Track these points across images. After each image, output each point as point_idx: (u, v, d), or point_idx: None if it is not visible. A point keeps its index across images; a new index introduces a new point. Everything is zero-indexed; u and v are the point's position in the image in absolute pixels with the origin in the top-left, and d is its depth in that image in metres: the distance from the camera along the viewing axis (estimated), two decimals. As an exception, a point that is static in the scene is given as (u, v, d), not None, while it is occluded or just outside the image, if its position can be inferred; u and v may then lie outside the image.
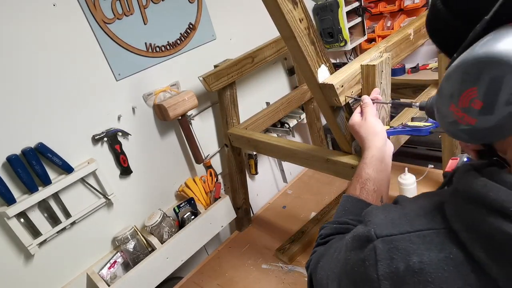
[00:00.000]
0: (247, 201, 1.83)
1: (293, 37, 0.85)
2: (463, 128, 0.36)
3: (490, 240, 0.32)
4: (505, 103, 0.31)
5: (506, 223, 0.30)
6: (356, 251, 0.42)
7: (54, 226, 1.23)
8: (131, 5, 1.29)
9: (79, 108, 1.24)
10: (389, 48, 1.06)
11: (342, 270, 0.45)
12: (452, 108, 0.36)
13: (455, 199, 0.37)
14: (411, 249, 0.37)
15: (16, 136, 1.12)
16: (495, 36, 0.32)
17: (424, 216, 0.40)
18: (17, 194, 1.14)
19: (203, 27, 1.53)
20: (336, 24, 1.95)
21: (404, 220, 0.41)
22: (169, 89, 1.45)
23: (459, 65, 0.34)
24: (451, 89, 0.36)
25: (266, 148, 1.39)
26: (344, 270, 0.44)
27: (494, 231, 0.31)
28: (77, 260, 1.34)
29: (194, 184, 1.60)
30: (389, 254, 0.38)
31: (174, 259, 1.47)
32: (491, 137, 0.34)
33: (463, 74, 0.34)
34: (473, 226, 0.33)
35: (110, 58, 1.28)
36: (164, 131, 1.51)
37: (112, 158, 1.36)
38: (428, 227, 0.38)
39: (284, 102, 1.77)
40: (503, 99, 0.31)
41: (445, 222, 0.37)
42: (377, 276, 0.38)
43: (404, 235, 0.38)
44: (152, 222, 1.42)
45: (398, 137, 1.13)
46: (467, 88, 0.33)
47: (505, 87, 0.31)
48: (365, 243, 0.41)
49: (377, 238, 0.40)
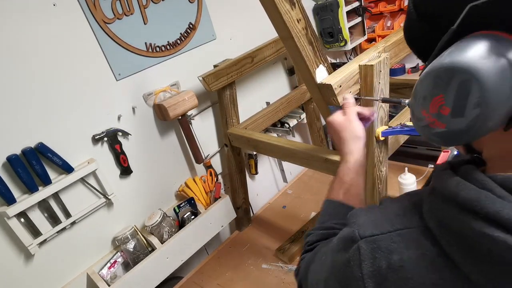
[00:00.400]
0: (247, 201, 1.83)
1: (290, 37, 0.85)
2: (434, 132, 0.37)
3: (461, 237, 0.33)
4: (471, 109, 0.33)
5: (475, 221, 0.31)
6: (341, 252, 0.44)
7: (54, 226, 1.23)
8: (131, 5, 1.29)
9: (79, 108, 1.24)
10: (388, 48, 1.06)
11: (329, 272, 0.46)
12: (424, 113, 0.38)
13: (431, 197, 0.38)
14: (392, 248, 0.39)
15: (16, 136, 1.12)
16: (460, 46, 0.33)
17: (404, 215, 0.41)
18: (17, 194, 1.14)
19: (203, 27, 1.53)
20: (336, 24, 1.95)
21: (385, 220, 0.42)
22: (169, 89, 1.45)
23: (428, 72, 0.36)
24: (422, 94, 0.37)
25: (266, 148, 1.39)
26: (331, 271, 0.45)
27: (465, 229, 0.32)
28: (77, 260, 1.35)
29: (194, 184, 1.61)
30: (372, 254, 0.39)
31: (174, 259, 1.47)
32: (461, 140, 0.36)
33: (432, 82, 0.35)
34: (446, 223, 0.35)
35: (110, 58, 1.28)
36: (164, 131, 1.51)
37: (112, 158, 1.36)
38: (406, 226, 0.40)
39: (284, 102, 1.77)
40: (468, 105, 0.33)
41: (422, 220, 0.39)
42: (361, 275, 0.39)
43: (385, 235, 0.40)
44: (152, 222, 1.42)
45: (398, 137, 1.13)
46: (436, 95, 0.35)
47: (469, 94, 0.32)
48: (350, 244, 0.43)
49: (360, 239, 0.42)
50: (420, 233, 0.38)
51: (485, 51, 0.31)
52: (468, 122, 0.34)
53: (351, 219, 0.46)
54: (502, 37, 0.32)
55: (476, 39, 0.33)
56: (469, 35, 0.33)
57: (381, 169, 1.07)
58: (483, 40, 0.32)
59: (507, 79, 0.31)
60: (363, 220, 0.44)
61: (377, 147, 1.02)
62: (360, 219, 0.45)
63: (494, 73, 0.31)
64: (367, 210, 0.48)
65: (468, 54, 0.32)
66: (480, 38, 0.32)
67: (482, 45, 0.32)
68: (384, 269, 0.38)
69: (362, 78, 0.97)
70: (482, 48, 0.32)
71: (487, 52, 0.31)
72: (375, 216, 0.44)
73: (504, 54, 0.31)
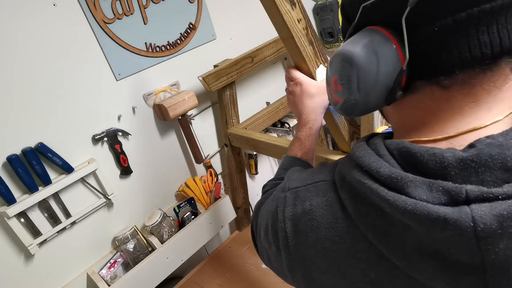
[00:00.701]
0: (247, 200, 1.83)
1: (291, 37, 0.85)
2: (337, 106, 0.47)
3: (349, 185, 0.42)
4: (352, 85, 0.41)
5: (358, 172, 0.40)
6: (274, 200, 0.54)
7: (54, 226, 1.23)
8: (131, 5, 1.29)
9: (79, 108, 1.24)
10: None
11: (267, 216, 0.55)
12: (329, 90, 0.48)
13: (344, 159, 0.47)
14: (307, 196, 0.48)
15: (16, 136, 1.12)
16: (351, 38, 0.42)
17: (323, 172, 0.50)
18: (17, 194, 1.14)
19: (203, 27, 1.53)
20: (336, 24, 1.94)
21: (309, 176, 0.52)
22: (169, 89, 1.45)
23: (331, 58, 0.45)
24: (328, 75, 0.47)
25: (266, 148, 1.39)
26: (267, 214, 0.55)
27: (352, 179, 0.41)
28: (77, 260, 1.35)
29: (194, 184, 1.61)
30: (293, 201, 0.49)
31: (174, 259, 1.47)
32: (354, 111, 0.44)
33: (332, 65, 0.45)
34: (343, 176, 0.43)
35: (110, 58, 1.28)
36: (164, 131, 1.51)
37: (112, 158, 1.36)
38: (321, 179, 0.49)
39: (284, 102, 1.77)
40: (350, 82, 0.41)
41: (333, 175, 0.47)
42: (283, 218, 0.49)
43: (305, 187, 0.50)
44: (152, 222, 1.42)
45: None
46: (334, 75, 0.45)
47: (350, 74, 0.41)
48: (281, 193, 0.53)
49: (288, 190, 0.52)
50: (329, 185, 0.47)
51: (363, 42, 0.39)
52: (354, 96, 0.42)
53: (289, 175, 0.57)
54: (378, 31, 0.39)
55: (362, 32, 0.41)
56: (361, 30, 0.41)
57: (381, 169, 1.07)
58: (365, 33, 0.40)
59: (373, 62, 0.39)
60: (295, 177, 0.54)
61: (377, 147, 1.02)
62: (292, 175, 0.56)
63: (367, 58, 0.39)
64: (302, 170, 0.59)
65: (352, 44, 0.41)
66: (364, 32, 0.41)
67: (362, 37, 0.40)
68: (299, 213, 0.47)
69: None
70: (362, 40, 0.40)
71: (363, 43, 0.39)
72: (305, 174, 0.54)
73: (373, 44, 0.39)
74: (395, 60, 0.38)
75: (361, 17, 0.41)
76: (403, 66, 0.38)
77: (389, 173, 0.36)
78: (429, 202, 0.33)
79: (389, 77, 0.39)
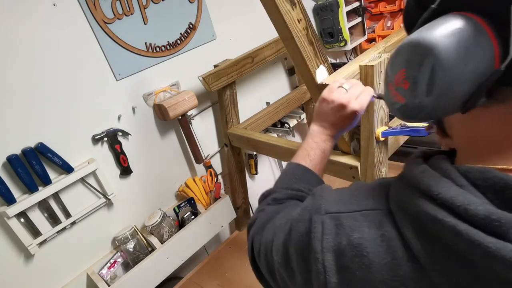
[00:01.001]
0: (246, 200, 1.83)
1: (291, 37, 0.85)
2: (396, 106, 0.38)
3: (416, 219, 0.34)
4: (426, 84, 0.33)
5: (430, 205, 0.32)
6: (304, 222, 0.44)
7: (54, 226, 1.23)
8: (131, 5, 1.29)
9: (79, 108, 1.24)
10: (388, 49, 1.06)
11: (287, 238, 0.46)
12: (390, 86, 0.39)
13: (398, 182, 0.39)
14: (354, 226, 0.39)
15: (16, 136, 1.12)
16: (431, 24, 0.33)
17: (372, 198, 0.42)
18: (17, 194, 1.14)
19: (203, 27, 1.53)
20: (336, 24, 1.95)
21: (353, 200, 0.43)
22: (169, 89, 1.45)
23: (398, 47, 0.36)
24: (390, 68, 0.38)
25: (265, 148, 1.39)
26: (289, 238, 0.45)
27: (420, 212, 0.33)
28: (77, 260, 1.35)
29: (194, 184, 1.61)
30: (335, 230, 0.40)
31: (174, 259, 1.47)
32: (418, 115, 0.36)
33: (399, 56, 0.36)
34: (405, 206, 0.36)
35: (110, 58, 1.28)
36: (164, 131, 1.51)
37: (112, 158, 1.36)
38: (372, 207, 0.40)
39: (284, 102, 1.77)
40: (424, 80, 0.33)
41: (387, 203, 0.39)
42: (321, 248, 0.40)
43: (350, 214, 0.41)
44: (152, 222, 1.42)
45: (398, 138, 1.13)
46: (400, 69, 0.36)
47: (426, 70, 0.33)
48: (314, 216, 0.43)
49: (325, 214, 0.42)
50: (383, 215, 0.39)
51: (449, 30, 0.31)
52: (423, 97, 0.34)
53: (321, 193, 0.47)
54: (471, 19, 0.31)
55: (446, 18, 0.32)
56: (444, 15, 0.33)
57: (381, 169, 1.07)
58: (452, 20, 0.32)
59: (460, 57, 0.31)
60: (332, 197, 0.45)
61: (377, 148, 1.02)
62: (328, 195, 0.46)
63: (452, 52, 0.31)
64: (336, 190, 0.49)
65: (433, 31, 0.32)
66: (450, 17, 0.32)
67: (448, 24, 0.32)
68: (343, 245, 0.39)
69: (362, 79, 0.96)
70: (447, 27, 0.31)
71: (451, 32, 0.31)
72: (344, 195, 0.45)
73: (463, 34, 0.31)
74: (488, 57, 0.31)
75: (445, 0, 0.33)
76: (500, 67, 0.30)
77: (486, 213, 0.29)
78: None
79: (476, 78, 0.31)
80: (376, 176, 1.07)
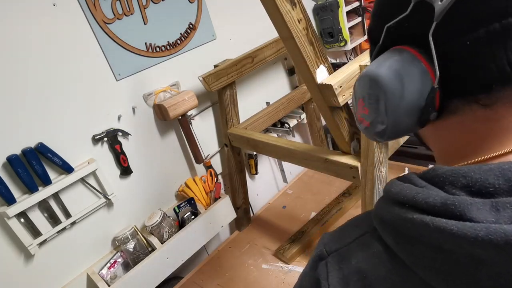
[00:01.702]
0: (246, 201, 1.83)
1: (291, 37, 0.85)
2: (364, 128, 0.44)
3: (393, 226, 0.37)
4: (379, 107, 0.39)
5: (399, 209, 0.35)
6: (313, 271, 0.46)
7: (54, 226, 1.23)
8: (131, 5, 1.29)
9: (79, 108, 1.24)
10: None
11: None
12: (356, 113, 0.45)
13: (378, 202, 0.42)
14: (351, 255, 0.42)
15: (16, 136, 1.12)
16: (377, 59, 0.40)
17: (358, 226, 0.45)
18: (17, 194, 1.14)
19: (203, 27, 1.53)
20: (336, 24, 1.95)
21: (345, 234, 0.46)
22: (169, 89, 1.45)
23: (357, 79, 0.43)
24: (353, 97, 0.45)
25: (266, 148, 1.39)
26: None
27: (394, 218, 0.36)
28: (77, 260, 1.35)
29: (194, 184, 1.61)
30: (338, 265, 0.43)
31: (174, 259, 1.47)
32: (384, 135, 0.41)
33: (357, 86, 0.43)
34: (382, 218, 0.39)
35: (110, 58, 1.28)
36: (164, 131, 1.51)
37: (112, 158, 1.36)
38: (361, 233, 0.44)
39: (284, 102, 1.77)
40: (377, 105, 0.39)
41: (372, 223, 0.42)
42: (328, 286, 0.42)
43: (347, 247, 0.44)
44: (152, 222, 1.42)
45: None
46: (359, 98, 0.43)
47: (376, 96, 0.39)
48: (319, 261, 0.46)
49: (328, 255, 0.45)
50: (370, 235, 0.42)
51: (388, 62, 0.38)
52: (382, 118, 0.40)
53: (320, 241, 0.50)
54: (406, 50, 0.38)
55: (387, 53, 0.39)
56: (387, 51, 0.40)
57: (381, 169, 1.07)
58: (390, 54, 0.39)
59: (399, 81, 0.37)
60: (329, 239, 0.48)
61: (377, 148, 1.02)
62: (326, 238, 0.49)
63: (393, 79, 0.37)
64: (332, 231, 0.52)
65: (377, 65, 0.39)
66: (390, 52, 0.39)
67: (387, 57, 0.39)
68: (346, 274, 0.41)
69: (362, 79, 0.97)
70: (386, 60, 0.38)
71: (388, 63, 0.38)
72: (337, 233, 0.48)
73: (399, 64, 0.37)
74: (424, 78, 0.37)
75: (386, 38, 0.40)
76: (434, 84, 0.36)
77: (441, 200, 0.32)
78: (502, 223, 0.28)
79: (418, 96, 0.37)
80: (376, 176, 1.07)
